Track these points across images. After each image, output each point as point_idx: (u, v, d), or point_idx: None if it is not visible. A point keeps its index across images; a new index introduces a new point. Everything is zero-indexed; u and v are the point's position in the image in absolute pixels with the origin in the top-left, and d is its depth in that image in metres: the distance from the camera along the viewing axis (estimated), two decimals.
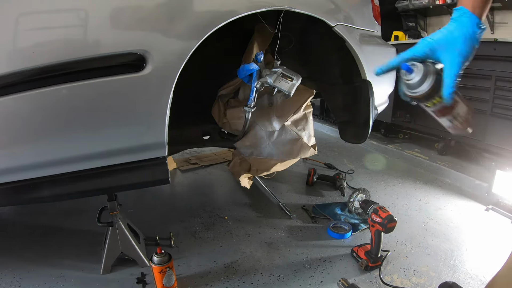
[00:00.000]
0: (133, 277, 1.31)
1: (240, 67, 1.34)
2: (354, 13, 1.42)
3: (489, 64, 2.33)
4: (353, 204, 1.80)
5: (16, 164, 0.95)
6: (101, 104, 0.94)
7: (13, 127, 0.91)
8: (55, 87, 0.88)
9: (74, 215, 1.82)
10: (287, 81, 1.30)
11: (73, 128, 0.95)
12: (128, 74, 0.93)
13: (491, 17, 2.88)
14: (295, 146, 1.58)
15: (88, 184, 1.03)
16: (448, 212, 1.94)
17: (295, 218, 1.80)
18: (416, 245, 1.58)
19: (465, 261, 1.46)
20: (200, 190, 2.21)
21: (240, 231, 1.68)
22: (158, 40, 0.95)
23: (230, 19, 1.03)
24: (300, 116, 1.59)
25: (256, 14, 1.12)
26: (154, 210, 1.89)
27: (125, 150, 1.03)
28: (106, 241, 1.31)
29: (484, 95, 2.42)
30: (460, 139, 2.75)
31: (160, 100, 0.99)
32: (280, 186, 2.23)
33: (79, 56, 0.88)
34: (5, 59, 0.85)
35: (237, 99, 1.69)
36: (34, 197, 1.00)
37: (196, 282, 1.31)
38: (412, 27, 3.54)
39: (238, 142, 1.69)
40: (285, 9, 1.15)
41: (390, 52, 1.78)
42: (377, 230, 1.35)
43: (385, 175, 2.50)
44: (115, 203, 1.29)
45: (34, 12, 0.85)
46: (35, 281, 1.29)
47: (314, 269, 1.40)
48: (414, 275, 1.37)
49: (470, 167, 2.51)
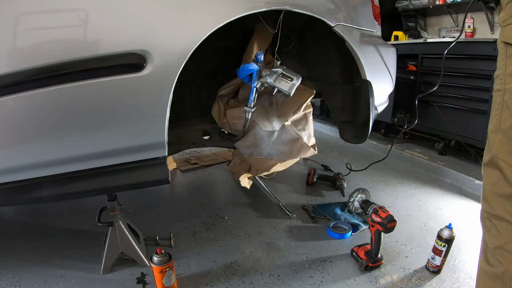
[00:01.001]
0: (133, 277, 1.31)
1: (240, 67, 1.33)
2: (354, 13, 1.42)
3: (489, 64, 2.33)
4: (353, 204, 1.80)
5: (16, 164, 0.95)
6: (101, 104, 0.95)
7: (13, 127, 0.91)
8: (55, 87, 0.88)
9: (74, 215, 1.82)
10: (287, 81, 1.30)
11: (73, 128, 0.95)
12: (128, 74, 0.93)
13: (491, 17, 2.88)
14: (295, 146, 1.57)
15: (88, 184, 1.03)
16: (448, 212, 1.94)
17: (295, 218, 1.80)
18: (416, 245, 1.58)
19: (465, 261, 1.46)
20: (200, 190, 2.21)
21: (240, 231, 1.68)
22: (158, 40, 0.95)
23: (230, 19, 1.03)
24: (300, 116, 1.59)
25: (256, 14, 1.12)
26: (154, 210, 1.89)
27: (125, 150, 1.03)
28: (106, 241, 1.31)
29: (484, 95, 2.42)
30: (460, 139, 2.75)
31: (160, 100, 0.99)
32: (280, 186, 2.23)
33: (79, 56, 0.88)
34: (5, 59, 0.85)
35: (237, 99, 1.69)
36: (34, 197, 1.00)
37: (196, 282, 1.31)
38: (412, 27, 3.53)
39: (238, 142, 1.69)
40: (285, 9, 1.15)
41: (390, 52, 1.78)
42: (377, 230, 1.35)
43: (385, 175, 2.50)
44: (115, 203, 1.29)
45: (34, 12, 0.85)
46: (35, 281, 1.29)
47: (314, 269, 1.40)
48: (414, 275, 1.37)
49: (470, 167, 2.51)
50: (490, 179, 0.82)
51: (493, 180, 0.80)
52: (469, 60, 2.49)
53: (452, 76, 2.62)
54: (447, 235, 1.32)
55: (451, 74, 2.61)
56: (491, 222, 0.81)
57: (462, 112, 2.62)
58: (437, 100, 2.74)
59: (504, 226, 0.78)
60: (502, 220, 0.78)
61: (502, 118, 0.78)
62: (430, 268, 1.38)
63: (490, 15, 2.87)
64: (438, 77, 2.74)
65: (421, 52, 2.86)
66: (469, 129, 2.59)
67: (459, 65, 2.55)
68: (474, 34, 3.07)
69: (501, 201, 0.78)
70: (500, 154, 0.78)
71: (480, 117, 2.48)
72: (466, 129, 2.62)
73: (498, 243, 0.78)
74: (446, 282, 1.33)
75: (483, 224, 0.85)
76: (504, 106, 0.78)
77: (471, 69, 2.48)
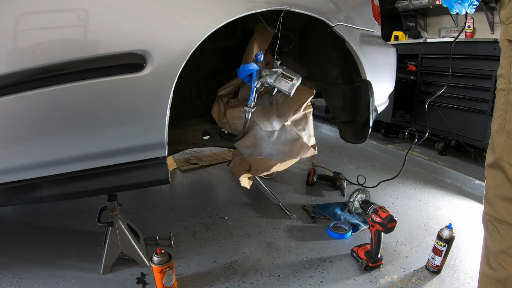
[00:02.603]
0: (133, 277, 1.31)
1: (240, 67, 1.33)
2: (354, 13, 1.42)
3: (489, 64, 2.33)
4: (353, 204, 1.80)
5: (16, 164, 0.95)
6: (101, 104, 0.94)
7: (13, 127, 0.91)
8: (55, 87, 0.88)
9: (74, 215, 1.81)
10: (287, 81, 1.30)
11: (73, 128, 0.95)
12: (128, 74, 0.93)
13: (491, 17, 2.88)
14: (295, 146, 1.57)
15: (88, 184, 1.03)
16: (448, 212, 1.94)
17: (295, 218, 1.80)
18: (416, 245, 1.58)
19: (465, 261, 1.46)
20: (200, 190, 2.21)
21: (240, 231, 1.68)
22: (158, 40, 0.95)
23: (230, 19, 1.03)
24: (300, 116, 1.59)
25: (256, 14, 1.12)
26: (154, 210, 1.89)
27: (125, 150, 1.03)
28: (106, 241, 1.31)
29: (484, 95, 2.42)
30: (460, 139, 2.75)
31: (160, 100, 0.99)
32: (280, 186, 2.23)
33: (79, 56, 0.88)
34: (5, 59, 0.85)
35: (237, 99, 1.69)
36: (34, 197, 1.00)
37: (196, 282, 1.31)
38: (412, 27, 3.53)
39: (238, 142, 1.69)
40: (285, 9, 1.15)
41: (390, 52, 1.78)
42: (377, 230, 1.35)
43: (385, 175, 2.49)
44: (115, 203, 1.29)
45: (34, 12, 0.85)
46: (35, 281, 1.29)
47: (314, 269, 1.40)
48: (414, 275, 1.37)
49: (470, 167, 2.51)
50: (493, 181, 0.80)
51: (497, 182, 0.78)
52: (469, 60, 2.49)
53: (452, 76, 2.62)
54: (447, 235, 1.32)
55: (452, 74, 2.61)
56: (493, 226, 0.79)
57: (462, 112, 2.62)
58: (437, 100, 2.73)
59: (507, 230, 0.76)
60: (505, 223, 0.76)
61: (506, 118, 0.77)
62: (430, 268, 1.38)
63: (490, 15, 2.87)
64: (438, 77, 2.77)
65: (421, 52, 2.86)
66: (469, 129, 2.60)
67: (459, 65, 2.55)
68: (474, 34, 3.07)
69: (505, 204, 0.76)
70: (504, 156, 0.76)
71: (480, 117, 2.48)
72: (466, 129, 2.62)
73: (501, 247, 0.77)
74: (446, 282, 1.33)
75: (485, 227, 0.83)
76: (508, 106, 0.76)
77: (471, 69, 2.48)
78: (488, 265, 0.80)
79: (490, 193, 0.81)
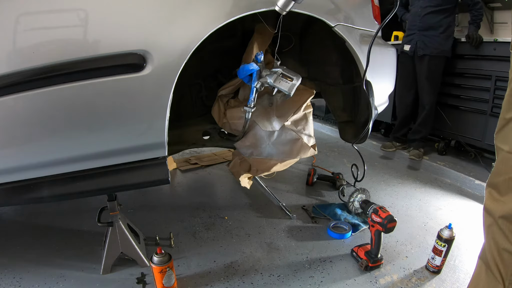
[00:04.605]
0: (133, 277, 1.31)
1: (240, 67, 1.33)
2: (354, 13, 1.42)
3: (489, 64, 2.34)
4: (353, 204, 1.80)
5: (16, 164, 0.95)
6: (101, 104, 0.95)
7: (13, 127, 0.91)
8: (55, 87, 0.88)
9: (74, 215, 1.81)
10: (287, 81, 1.30)
11: (73, 128, 0.95)
12: (128, 74, 0.93)
13: (491, 17, 2.88)
14: (295, 146, 1.57)
15: (88, 184, 1.03)
16: (448, 212, 1.94)
17: (295, 218, 1.80)
18: (416, 245, 1.58)
19: (465, 261, 1.46)
20: (200, 190, 2.21)
21: (240, 231, 1.68)
22: (158, 41, 0.95)
23: (230, 19, 1.03)
24: (300, 116, 1.59)
25: (256, 14, 1.12)
26: (154, 210, 1.89)
27: (125, 150, 1.03)
28: (106, 241, 1.31)
29: (484, 95, 2.42)
30: (460, 139, 2.75)
31: (160, 100, 0.99)
32: (280, 186, 2.23)
33: (79, 56, 0.88)
34: (5, 59, 0.85)
35: (237, 99, 1.68)
36: (34, 197, 1.00)
37: (196, 282, 1.31)
38: None
39: (238, 142, 1.69)
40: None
41: (390, 52, 1.78)
42: (377, 230, 1.35)
43: (385, 175, 2.50)
44: (115, 203, 1.29)
45: (34, 12, 0.85)
46: (35, 281, 1.29)
47: (314, 269, 1.40)
48: (414, 275, 1.37)
49: (470, 167, 2.51)
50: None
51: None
52: (469, 60, 2.49)
53: (452, 76, 2.62)
54: (447, 235, 1.32)
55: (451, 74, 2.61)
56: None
57: (463, 112, 2.62)
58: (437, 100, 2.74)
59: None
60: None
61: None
62: (430, 268, 1.38)
63: (490, 15, 2.87)
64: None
65: None
66: (469, 129, 2.60)
67: (459, 65, 2.56)
68: None
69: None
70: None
71: (480, 117, 2.48)
72: (466, 129, 2.62)
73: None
74: (446, 282, 1.33)
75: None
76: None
77: (471, 69, 2.49)
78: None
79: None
